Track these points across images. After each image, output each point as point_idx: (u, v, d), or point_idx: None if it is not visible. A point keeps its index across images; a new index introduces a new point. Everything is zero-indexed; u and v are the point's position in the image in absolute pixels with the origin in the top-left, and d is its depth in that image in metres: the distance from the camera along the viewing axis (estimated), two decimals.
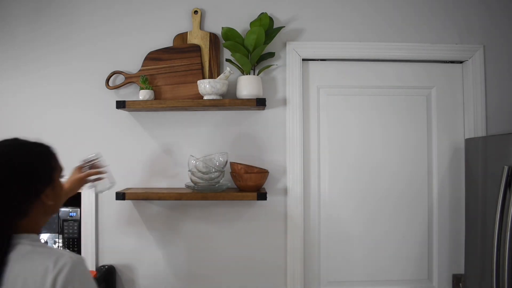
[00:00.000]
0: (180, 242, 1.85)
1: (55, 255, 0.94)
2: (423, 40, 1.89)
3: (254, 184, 1.69)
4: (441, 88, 1.92)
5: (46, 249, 0.99)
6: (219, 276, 1.85)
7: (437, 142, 1.91)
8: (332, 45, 1.87)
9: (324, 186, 1.90)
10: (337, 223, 1.90)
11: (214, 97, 1.71)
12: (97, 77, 1.85)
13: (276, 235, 1.86)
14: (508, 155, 1.48)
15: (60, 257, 0.93)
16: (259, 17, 1.75)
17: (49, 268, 0.91)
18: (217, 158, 1.75)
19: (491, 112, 1.89)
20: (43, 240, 2.03)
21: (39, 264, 0.92)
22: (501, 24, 1.90)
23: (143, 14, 1.87)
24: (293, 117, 1.84)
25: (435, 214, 1.91)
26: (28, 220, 1.01)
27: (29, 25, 1.87)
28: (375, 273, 1.90)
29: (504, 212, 1.43)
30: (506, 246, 1.40)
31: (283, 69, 1.87)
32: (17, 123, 1.87)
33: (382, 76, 1.91)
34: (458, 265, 1.90)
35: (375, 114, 1.91)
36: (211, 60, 1.84)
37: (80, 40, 1.87)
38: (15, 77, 1.87)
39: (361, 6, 1.89)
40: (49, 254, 0.94)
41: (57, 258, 0.93)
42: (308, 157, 1.89)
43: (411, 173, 1.91)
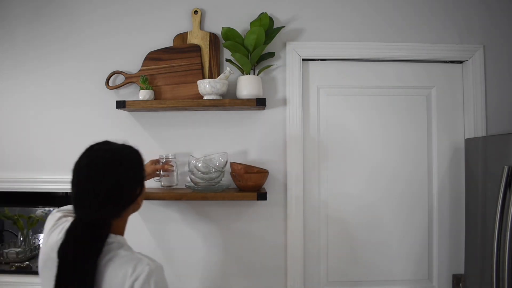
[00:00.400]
0: (180, 242, 1.85)
1: (134, 260, 0.99)
2: (423, 40, 1.89)
3: (254, 184, 1.69)
4: (441, 88, 1.92)
5: (128, 253, 1.03)
6: (219, 276, 1.85)
7: (437, 142, 1.91)
8: (332, 45, 1.87)
9: (324, 186, 1.89)
10: (337, 223, 1.90)
11: (214, 97, 1.71)
12: (97, 77, 1.85)
13: (276, 235, 1.86)
14: (508, 155, 1.48)
15: (138, 264, 0.98)
16: (259, 17, 1.75)
17: (127, 273, 0.96)
18: (217, 158, 1.75)
19: (491, 112, 1.89)
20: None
21: (120, 268, 0.98)
22: (501, 24, 1.90)
23: (143, 14, 1.87)
24: (293, 117, 1.84)
25: (435, 214, 1.91)
26: (118, 221, 1.07)
27: (29, 25, 1.87)
28: (375, 273, 1.90)
29: (504, 212, 1.43)
30: (506, 246, 1.40)
31: (283, 69, 1.87)
32: (17, 123, 1.88)
33: (382, 76, 1.91)
34: (458, 265, 1.90)
35: (375, 114, 1.91)
36: (211, 60, 1.84)
37: (80, 40, 1.87)
38: (15, 77, 1.87)
39: (361, 6, 1.89)
40: (130, 259, 0.99)
41: (135, 265, 0.98)
42: (308, 157, 1.89)
43: (411, 173, 1.91)
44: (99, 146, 1.07)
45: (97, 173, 1.01)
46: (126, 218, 1.11)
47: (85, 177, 1.01)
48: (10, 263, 1.90)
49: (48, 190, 1.88)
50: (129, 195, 1.07)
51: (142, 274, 0.96)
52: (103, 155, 1.04)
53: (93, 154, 1.04)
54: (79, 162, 1.04)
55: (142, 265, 0.98)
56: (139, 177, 1.11)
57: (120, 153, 1.07)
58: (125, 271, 0.97)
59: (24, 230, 1.98)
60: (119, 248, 1.03)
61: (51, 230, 1.12)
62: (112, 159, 1.04)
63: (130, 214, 1.11)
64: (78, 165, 1.04)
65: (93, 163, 1.02)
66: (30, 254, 1.95)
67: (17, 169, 1.87)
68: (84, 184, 1.01)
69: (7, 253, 1.90)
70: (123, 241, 1.07)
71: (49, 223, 1.15)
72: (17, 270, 1.87)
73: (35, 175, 1.85)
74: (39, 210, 2.04)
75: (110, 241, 1.03)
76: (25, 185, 1.86)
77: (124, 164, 1.06)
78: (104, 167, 1.02)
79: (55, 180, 1.84)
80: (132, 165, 1.09)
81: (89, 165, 1.02)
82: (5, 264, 1.90)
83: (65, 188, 1.86)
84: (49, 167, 1.86)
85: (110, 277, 0.97)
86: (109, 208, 1.03)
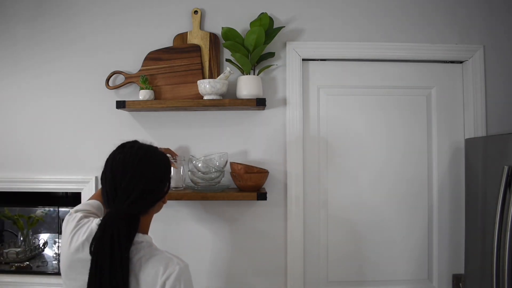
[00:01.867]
0: (180, 242, 1.85)
1: (165, 260, 1.04)
2: (423, 40, 1.89)
3: (254, 184, 1.69)
4: (441, 88, 1.92)
5: (157, 252, 1.07)
6: (219, 276, 1.85)
7: (437, 142, 1.91)
8: (332, 45, 1.87)
9: (324, 186, 1.89)
10: (337, 223, 1.90)
11: (214, 97, 1.71)
12: (97, 77, 1.85)
13: (276, 235, 1.86)
14: (508, 155, 1.48)
15: (169, 263, 1.03)
16: (259, 17, 1.75)
17: (159, 272, 1.00)
18: (217, 158, 1.75)
19: (491, 112, 1.89)
20: (43, 240, 2.04)
21: (152, 267, 1.02)
22: (501, 24, 1.90)
23: (143, 14, 1.87)
24: (293, 117, 1.84)
25: (435, 214, 1.91)
26: (145, 219, 1.11)
27: (29, 25, 1.87)
28: (375, 273, 1.90)
29: (504, 212, 1.43)
30: (506, 246, 1.40)
31: (283, 69, 1.87)
32: (17, 122, 1.88)
33: (382, 76, 1.91)
34: (458, 265, 1.90)
35: (375, 114, 1.91)
36: (211, 60, 1.84)
37: (80, 40, 1.87)
38: (15, 77, 1.87)
39: (361, 6, 1.89)
40: (161, 258, 1.04)
41: (167, 264, 1.02)
42: (308, 157, 1.88)
43: (411, 172, 1.91)
44: (131, 144, 1.13)
45: (132, 170, 1.06)
46: (151, 217, 1.16)
47: (121, 172, 1.06)
48: (10, 263, 1.90)
49: (48, 190, 1.88)
50: (159, 191, 1.13)
51: (173, 274, 1.01)
52: (137, 152, 1.10)
53: (127, 151, 1.10)
54: (113, 159, 1.09)
55: (173, 264, 1.03)
56: (168, 175, 1.17)
57: (151, 151, 1.14)
58: (156, 269, 1.01)
59: (24, 230, 1.99)
60: (149, 247, 1.07)
61: (74, 231, 1.11)
62: (145, 156, 1.10)
63: (155, 212, 1.16)
64: (113, 161, 1.09)
65: (128, 159, 1.08)
66: (30, 254, 1.95)
67: (17, 169, 1.87)
68: (120, 179, 1.05)
69: (7, 253, 1.90)
70: (151, 240, 1.11)
71: (71, 224, 1.14)
72: (17, 270, 1.87)
73: (35, 175, 1.85)
74: (39, 210, 2.04)
75: (139, 240, 1.06)
76: (25, 185, 1.86)
77: (156, 162, 1.12)
78: (139, 163, 1.08)
79: (55, 180, 1.84)
80: (162, 163, 1.15)
81: (125, 161, 1.07)
82: (5, 264, 1.90)
83: (65, 188, 1.87)
84: (49, 167, 1.86)
85: (143, 275, 1.01)
86: (142, 203, 1.07)
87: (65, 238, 1.12)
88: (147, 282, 1.00)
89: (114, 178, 1.06)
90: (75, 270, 1.06)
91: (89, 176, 1.83)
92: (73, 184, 1.84)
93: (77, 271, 1.05)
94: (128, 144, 1.13)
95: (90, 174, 1.83)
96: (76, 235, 1.10)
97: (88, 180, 1.83)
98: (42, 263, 1.94)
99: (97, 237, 1.01)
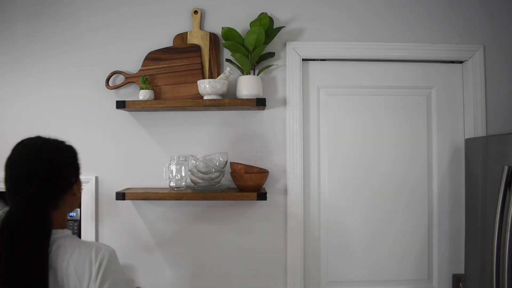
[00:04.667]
0: (180, 242, 1.85)
1: (93, 247, 1.02)
2: (423, 40, 1.89)
3: (254, 184, 1.69)
4: (441, 88, 1.92)
5: (82, 242, 1.06)
6: (219, 276, 1.85)
7: (437, 142, 1.91)
8: (332, 45, 1.87)
9: (324, 186, 1.89)
10: (337, 223, 1.90)
11: (214, 97, 1.71)
12: (97, 77, 1.85)
13: (276, 235, 1.86)
14: (508, 155, 1.48)
15: (98, 249, 1.02)
16: (259, 17, 1.75)
17: (92, 260, 0.99)
18: (217, 158, 1.75)
19: (491, 112, 1.89)
20: None
21: (83, 256, 1.00)
22: (501, 24, 1.90)
23: (143, 14, 1.87)
24: (293, 117, 1.84)
25: (435, 214, 1.91)
26: (58, 213, 1.07)
27: (30, 24, 1.86)
28: (375, 273, 1.90)
29: (504, 212, 1.43)
30: (506, 246, 1.40)
31: (283, 69, 1.87)
32: (16, 122, 1.87)
33: (383, 76, 1.91)
34: (458, 265, 1.90)
35: (375, 114, 1.91)
36: (211, 60, 1.84)
37: (80, 40, 1.87)
38: (15, 76, 1.87)
39: (362, 6, 1.89)
40: (89, 247, 1.02)
41: (96, 251, 1.01)
42: (308, 157, 1.89)
43: (411, 173, 1.91)
44: (31, 138, 1.10)
45: (30, 157, 1.03)
46: (65, 212, 1.11)
47: (19, 164, 1.03)
48: None
49: None
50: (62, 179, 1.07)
51: (105, 258, 1.00)
52: (35, 143, 1.07)
53: (26, 144, 1.07)
54: (11, 154, 1.06)
55: (101, 251, 1.02)
56: (73, 165, 1.13)
57: (51, 141, 1.11)
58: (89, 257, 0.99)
59: None
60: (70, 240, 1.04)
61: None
62: (44, 146, 1.08)
63: (68, 208, 1.12)
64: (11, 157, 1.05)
65: (25, 150, 1.05)
66: None
67: None
68: (18, 170, 1.02)
69: None
70: (69, 232, 1.08)
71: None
72: None
73: None
74: None
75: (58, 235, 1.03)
76: None
77: (54, 151, 1.09)
78: (38, 151, 1.05)
79: None
80: (64, 151, 1.12)
81: (22, 153, 1.05)
82: None
83: None
84: None
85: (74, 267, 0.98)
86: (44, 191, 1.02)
87: None
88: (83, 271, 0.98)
89: (11, 172, 1.02)
90: None
91: (89, 176, 1.83)
92: None
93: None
94: (28, 138, 1.09)
95: (90, 174, 1.83)
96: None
97: (88, 180, 1.83)
98: None
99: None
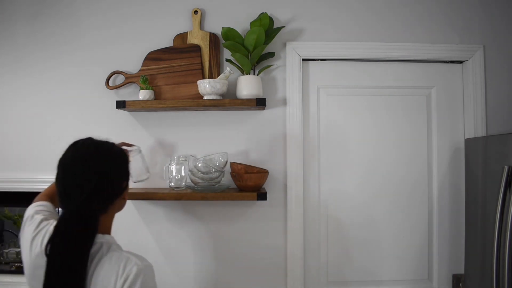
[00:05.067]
0: (180, 242, 1.85)
1: (124, 260, 1.00)
2: (423, 40, 1.89)
3: (254, 184, 1.69)
4: (441, 88, 1.92)
5: (117, 252, 1.03)
6: (219, 276, 1.85)
7: (437, 142, 1.91)
8: (332, 45, 1.87)
9: (324, 186, 1.89)
10: (337, 223, 1.90)
11: (214, 97, 1.71)
12: (97, 77, 1.85)
13: (276, 235, 1.86)
14: (508, 155, 1.48)
15: (127, 263, 0.99)
16: (259, 17, 1.75)
17: (118, 273, 0.97)
18: (217, 158, 1.75)
19: (491, 112, 1.89)
20: None
21: (112, 267, 0.98)
22: (501, 24, 1.90)
23: (143, 14, 1.87)
24: (293, 117, 1.84)
25: (435, 214, 1.91)
26: (105, 217, 1.07)
27: (30, 24, 1.87)
28: (375, 273, 1.90)
29: (504, 212, 1.43)
30: (506, 246, 1.40)
31: (283, 69, 1.87)
32: (17, 122, 1.87)
33: (383, 76, 1.91)
34: (458, 265, 1.90)
35: (375, 114, 1.91)
36: (211, 60, 1.84)
37: (80, 40, 1.87)
38: (15, 76, 1.87)
39: (362, 6, 1.89)
40: (120, 259, 1.00)
41: (125, 264, 0.99)
42: (308, 157, 1.88)
43: (411, 173, 1.91)
44: (83, 140, 1.09)
45: (83, 165, 1.02)
46: (112, 216, 1.11)
47: (72, 170, 1.03)
48: (10, 263, 1.90)
49: None
50: (115, 187, 1.08)
51: (130, 275, 0.97)
52: (88, 148, 1.06)
53: (78, 148, 1.06)
54: (64, 157, 1.06)
55: (131, 264, 0.99)
56: (124, 170, 1.13)
57: (103, 146, 1.10)
58: (116, 270, 0.98)
59: None
60: (108, 247, 1.03)
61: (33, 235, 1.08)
62: (97, 151, 1.07)
63: (115, 211, 1.12)
64: (64, 160, 1.05)
65: (78, 156, 1.04)
66: None
67: (17, 169, 1.87)
68: (71, 176, 1.02)
69: (7, 253, 1.90)
70: (112, 240, 1.07)
71: (30, 228, 1.10)
72: (17, 270, 1.87)
73: (35, 175, 1.85)
74: None
75: (99, 241, 1.02)
76: (25, 185, 1.85)
77: (108, 156, 1.08)
78: (90, 158, 1.04)
79: None
80: (117, 157, 1.11)
81: (75, 158, 1.04)
82: (5, 264, 1.90)
83: None
84: (49, 167, 1.83)
85: (102, 277, 0.97)
86: (97, 200, 1.02)
87: (25, 243, 1.08)
88: (107, 283, 0.97)
89: (65, 176, 1.02)
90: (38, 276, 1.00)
91: None
92: None
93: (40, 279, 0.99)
94: (80, 141, 1.09)
95: None
96: (36, 240, 1.06)
97: None
98: None
99: (52, 239, 0.98)
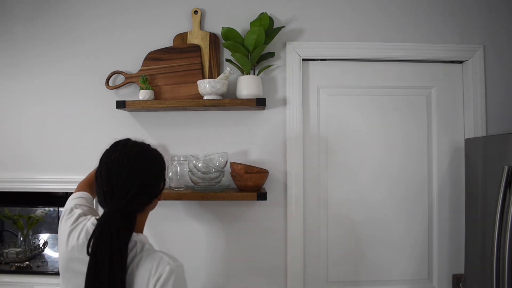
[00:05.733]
0: (180, 242, 1.85)
1: (157, 259, 1.03)
2: (423, 40, 1.89)
3: (254, 184, 1.69)
4: (441, 88, 1.92)
5: (150, 252, 1.06)
6: (219, 276, 1.85)
7: (437, 142, 1.91)
8: (332, 45, 1.87)
9: (324, 186, 1.89)
10: (337, 223, 1.90)
11: (214, 97, 1.71)
12: (97, 77, 1.85)
13: (276, 235, 1.86)
14: (508, 155, 1.48)
15: (160, 263, 1.02)
16: (259, 17, 1.75)
17: (151, 272, 1.00)
18: (217, 158, 1.75)
19: (491, 112, 1.89)
20: (43, 240, 2.04)
21: (145, 267, 1.02)
22: (501, 24, 1.90)
23: (143, 14, 1.87)
24: (293, 117, 1.84)
25: (435, 214, 1.91)
26: (141, 217, 1.12)
27: (29, 25, 1.87)
28: (375, 273, 1.90)
29: (504, 212, 1.43)
30: (506, 246, 1.40)
31: (283, 69, 1.87)
32: (17, 123, 1.88)
33: (383, 76, 1.91)
34: (458, 265, 1.90)
35: (375, 114, 1.91)
36: (211, 60, 1.84)
37: (80, 40, 1.87)
38: (15, 77, 1.88)
39: (362, 6, 1.89)
40: (153, 258, 1.03)
41: (157, 264, 1.02)
42: (308, 157, 1.88)
43: (411, 173, 1.91)
44: (125, 141, 1.14)
45: (129, 166, 1.06)
46: (147, 214, 1.16)
47: (117, 170, 1.06)
48: (10, 263, 1.90)
49: (48, 190, 1.88)
50: (155, 188, 1.13)
51: (163, 274, 1.00)
52: (132, 150, 1.10)
53: (121, 149, 1.10)
54: (107, 157, 1.09)
55: (163, 264, 1.02)
56: (163, 171, 1.18)
57: (145, 148, 1.14)
58: (149, 269, 1.01)
59: (24, 230, 1.99)
60: (142, 246, 1.06)
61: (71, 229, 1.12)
62: (140, 153, 1.11)
63: (150, 210, 1.17)
64: (107, 160, 1.09)
65: (122, 157, 1.08)
66: (30, 254, 1.94)
67: (17, 169, 1.87)
68: (116, 177, 1.05)
69: (7, 253, 1.90)
70: (145, 239, 1.11)
71: (68, 221, 1.14)
72: (17, 270, 1.87)
73: (35, 175, 1.85)
74: (39, 210, 2.04)
75: (133, 239, 1.05)
76: (25, 185, 1.86)
77: (150, 158, 1.14)
78: (135, 160, 1.08)
79: (55, 180, 1.84)
80: (157, 159, 1.16)
81: (120, 159, 1.07)
82: (5, 264, 1.90)
83: (65, 188, 1.86)
84: (49, 167, 1.86)
85: (137, 276, 1.01)
86: (140, 200, 1.08)
87: (62, 236, 1.12)
88: (141, 282, 1.00)
89: (109, 176, 1.05)
90: (72, 269, 1.06)
91: None
92: (73, 184, 1.81)
93: (75, 270, 1.05)
94: (121, 142, 1.13)
95: None
96: (73, 233, 1.10)
97: None
98: (42, 263, 1.94)
99: (95, 237, 1.00)
